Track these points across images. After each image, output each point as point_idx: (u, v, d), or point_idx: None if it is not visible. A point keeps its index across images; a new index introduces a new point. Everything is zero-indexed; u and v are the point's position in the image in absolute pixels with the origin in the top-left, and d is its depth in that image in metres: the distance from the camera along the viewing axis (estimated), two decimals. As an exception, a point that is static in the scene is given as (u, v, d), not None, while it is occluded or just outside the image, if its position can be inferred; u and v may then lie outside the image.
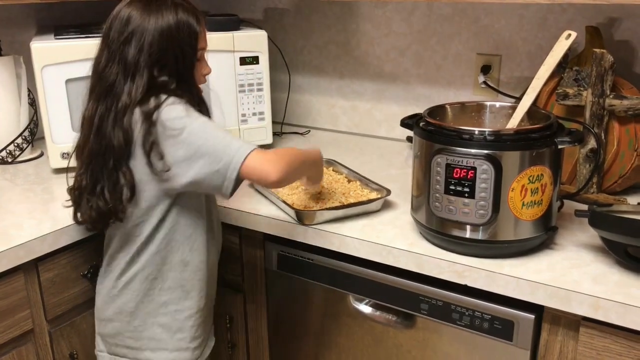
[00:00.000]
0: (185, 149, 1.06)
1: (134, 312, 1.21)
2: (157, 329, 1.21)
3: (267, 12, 2.03)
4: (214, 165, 1.06)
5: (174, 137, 1.07)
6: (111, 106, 1.11)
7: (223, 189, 1.08)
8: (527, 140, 1.07)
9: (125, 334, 1.23)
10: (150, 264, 1.18)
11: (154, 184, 1.12)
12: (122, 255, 1.19)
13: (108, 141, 1.10)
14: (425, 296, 1.19)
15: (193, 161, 1.06)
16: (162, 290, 1.20)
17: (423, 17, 1.75)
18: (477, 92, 1.72)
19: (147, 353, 1.23)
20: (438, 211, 1.13)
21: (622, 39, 1.49)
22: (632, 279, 1.05)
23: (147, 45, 1.10)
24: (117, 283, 1.21)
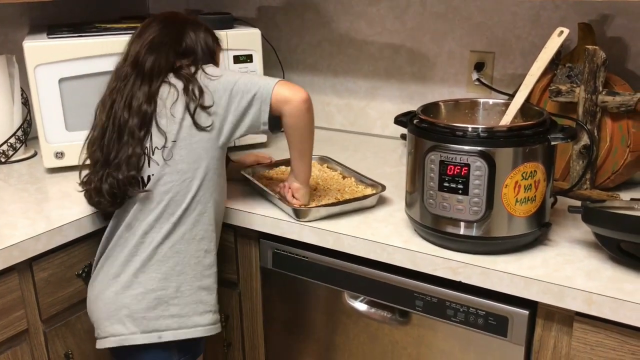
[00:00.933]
0: (224, 89, 1.20)
1: (181, 276, 1.21)
2: (203, 291, 1.24)
3: (261, 11, 2.03)
4: (249, 93, 1.19)
5: (214, 81, 1.21)
6: (131, 89, 1.21)
7: (262, 115, 1.20)
8: (520, 137, 1.07)
9: (171, 302, 1.21)
10: (198, 225, 1.22)
11: (197, 141, 1.20)
12: (164, 219, 1.20)
13: (124, 120, 1.20)
14: (420, 293, 1.20)
15: (233, 97, 1.20)
16: (208, 252, 1.24)
17: (416, 14, 1.76)
18: (470, 89, 1.72)
19: (195, 318, 1.23)
20: (432, 208, 1.13)
21: (615, 36, 1.50)
22: (625, 274, 1.06)
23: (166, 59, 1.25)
24: (160, 249, 1.20)
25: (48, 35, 1.58)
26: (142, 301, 1.21)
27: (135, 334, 1.21)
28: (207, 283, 1.25)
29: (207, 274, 1.25)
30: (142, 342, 1.21)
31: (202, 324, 1.24)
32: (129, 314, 1.21)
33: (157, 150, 1.21)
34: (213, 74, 1.23)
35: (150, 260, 1.21)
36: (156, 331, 1.21)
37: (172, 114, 1.20)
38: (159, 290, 1.21)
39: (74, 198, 1.43)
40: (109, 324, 1.23)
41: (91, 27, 1.67)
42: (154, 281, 1.21)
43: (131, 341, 1.21)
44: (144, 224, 1.21)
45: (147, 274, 1.21)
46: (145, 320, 1.21)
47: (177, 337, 1.22)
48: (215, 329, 1.27)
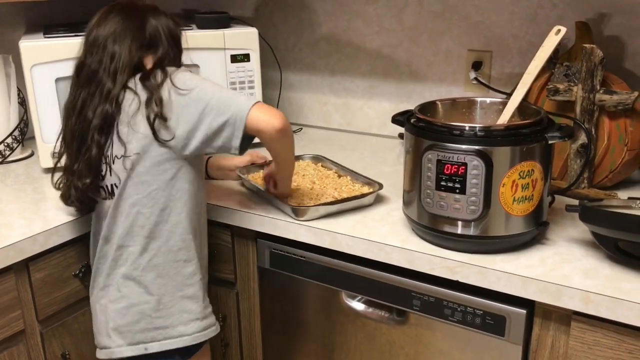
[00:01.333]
0: (195, 105, 1.14)
1: (162, 288, 1.20)
2: (186, 301, 1.22)
3: (258, 10, 2.02)
4: (223, 116, 1.13)
5: (184, 97, 1.14)
6: (95, 90, 1.17)
7: (233, 140, 1.14)
8: (517, 136, 1.07)
9: (154, 315, 1.20)
10: (173, 235, 1.20)
11: (161, 153, 1.16)
12: (136, 233, 1.19)
13: (88, 122, 1.17)
14: (418, 292, 1.19)
15: (204, 116, 1.13)
16: (188, 261, 1.22)
17: (414, 13, 1.76)
18: (468, 88, 1.72)
19: (180, 328, 1.22)
20: (429, 207, 1.13)
21: (612, 34, 1.50)
22: (622, 273, 1.05)
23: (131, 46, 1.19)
24: (137, 262, 1.19)
25: (44, 35, 1.58)
26: (126, 315, 1.21)
27: (122, 347, 1.22)
28: (190, 292, 1.23)
29: (189, 283, 1.23)
30: (129, 354, 1.22)
31: (188, 333, 1.23)
32: (115, 327, 1.22)
33: (116, 159, 1.18)
34: (183, 88, 1.15)
35: (130, 274, 1.21)
36: (142, 343, 1.21)
37: (132, 124, 1.16)
38: (142, 304, 1.21)
39: (71, 198, 1.42)
40: (100, 336, 1.25)
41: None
42: (136, 295, 1.21)
43: (118, 354, 1.22)
44: (116, 237, 1.20)
45: (128, 288, 1.21)
46: (130, 334, 1.21)
47: (163, 348, 1.21)
48: (205, 335, 1.25)
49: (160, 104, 1.14)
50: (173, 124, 1.15)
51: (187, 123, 1.14)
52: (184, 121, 1.14)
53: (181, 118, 1.14)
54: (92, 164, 1.19)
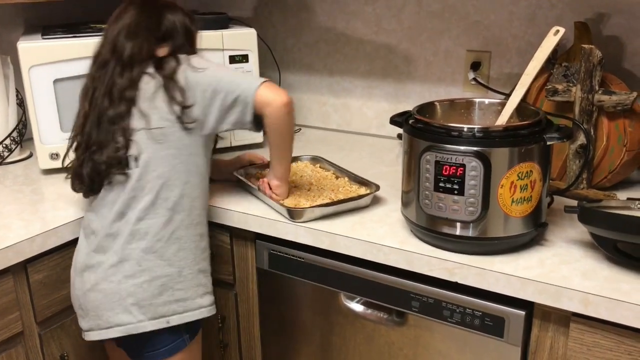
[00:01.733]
0: (208, 84, 1.21)
1: (183, 261, 1.23)
2: (201, 274, 1.27)
3: (257, 10, 2.02)
4: (233, 93, 1.21)
5: (199, 74, 1.21)
6: (110, 76, 1.22)
7: (246, 115, 1.22)
8: (515, 137, 1.07)
9: (176, 287, 1.22)
10: (194, 210, 1.24)
11: (181, 129, 1.21)
12: (159, 206, 1.20)
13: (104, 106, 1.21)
14: (416, 294, 1.19)
15: (216, 93, 1.21)
16: (203, 235, 1.28)
17: (412, 13, 1.75)
18: (467, 88, 1.72)
19: (197, 300, 1.26)
20: (428, 208, 1.13)
21: (611, 35, 1.49)
22: (621, 274, 1.05)
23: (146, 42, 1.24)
24: (159, 236, 1.21)
25: (42, 36, 1.57)
26: (147, 289, 1.21)
27: (144, 322, 1.21)
28: (204, 266, 1.28)
29: (203, 257, 1.28)
30: (151, 328, 1.21)
31: (205, 305, 1.27)
32: (136, 302, 1.20)
33: (136, 132, 1.20)
34: (198, 66, 1.23)
35: (152, 247, 1.21)
36: (164, 317, 1.22)
37: (152, 99, 1.21)
38: (164, 277, 1.22)
39: (70, 199, 1.42)
40: (113, 314, 1.21)
41: (86, 28, 1.67)
42: (158, 268, 1.21)
43: (140, 329, 1.21)
44: (137, 211, 1.20)
45: (150, 262, 1.21)
46: (152, 307, 1.21)
47: (184, 320, 1.24)
48: (214, 309, 1.31)
49: (182, 92, 1.20)
50: (192, 106, 1.21)
51: (201, 102, 1.21)
52: (199, 101, 1.21)
53: (197, 98, 1.21)
54: (111, 141, 1.21)
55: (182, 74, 1.22)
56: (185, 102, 1.20)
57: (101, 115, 1.21)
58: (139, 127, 1.20)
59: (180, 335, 1.26)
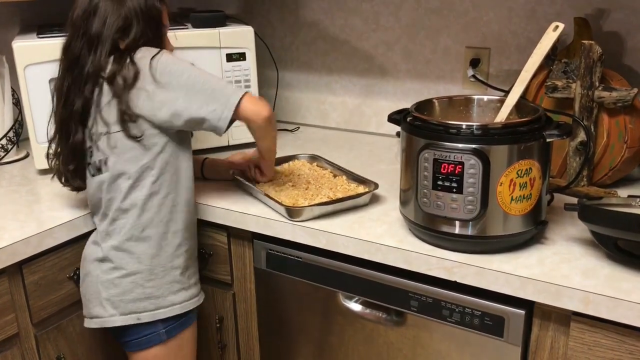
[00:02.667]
0: (181, 92, 1.17)
1: (154, 259, 1.24)
2: (175, 271, 1.27)
3: (254, 8, 2.01)
4: (210, 106, 1.17)
5: (165, 87, 1.17)
6: (78, 75, 1.20)
7: (218, 126, 1.19)
8: (515, 134, 1.05)
9: (146, 285, 1.24)
10: (163, 208, 1.23)
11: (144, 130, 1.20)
12: (130, 204, 1.22)
13: (71, 108, 1.21)
14: (415, 293, 1.18)
15: (190, 103, 1.17)
16: (176, 232, 1.26)
17: (411, 10, 1.74)
18: (466, 85, 1.70)
19: (170, 297, 1.26)
20: (426, 207, 1.11)
21: (611, 30, 1.48)
22: (622, 272, 1.04)
23: (111, 21, 1.19)
24: (129, 235, 1.22)
25: (38, 35, 1.56)
26: (118, 285, 1.23)
27: (114, 316, 1.24)
28: (178, 262, 1.27)
29: (177, 254, 1.27)
30: (121, 324, 1.24)
31: (178, 302, 1.27)
32: (108, 297, 1.24)
33: (102, 136, 1.21)
34: (162, 78, 1.17)
35: (122, 245, 1.23)
36: (134, 313, 1.24)
37: (112, 112, 1.19)
38: (134, 274, 1.23)
39: (66, 199, 1.41)
40: (92, 306, 1.26)
41: (82, 27, 1.65)
42: (129, 265, 1.23)
43: (110, 323, 1.25)
44: (111, 211, 1.23)
45: (121, 259, 1.23)
46: (122, 304, 1.24)
47: (156, 318, 1.25)
48: (192, 304, 1.30)
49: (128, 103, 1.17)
50: (150, 112, 1.18)
51: (171, 108, 1.18)
52: (168, 106, 1.17)
53: (165, 104, 1.17)
54: (76, 149, 1.23)
55: (144, 82, 1.17)
56: (133, 113, 1.18)
57: (68, 122, 1.23)
58: (103, 132, 1.21)
59: (156, 329, 1.26)
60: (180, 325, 1.29)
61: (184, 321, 1.30)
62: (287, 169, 1.50)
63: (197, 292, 1.33)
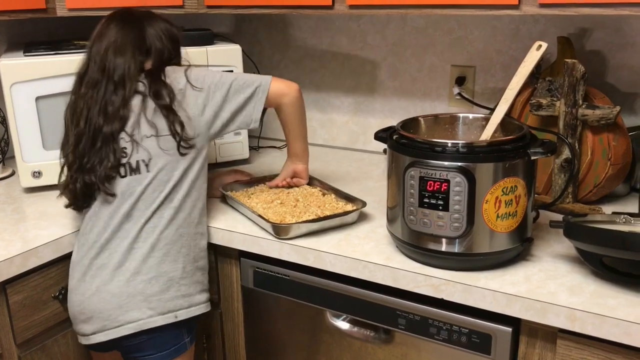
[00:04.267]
0: (220, 91, 1.30)
1: (186, 257, 1.27)
2: (199, 272, 1.30)
3: (242, 27, 2.02)
4: (246, 92, 1.31)
5: (202, 91, 1.28)
6: (102, 95, 1.25)
7: (254, 113, 1.32)
8: (500, 152, 1.06)
9: (181, 282, 1.26)
10: (195, 209, 1.28)
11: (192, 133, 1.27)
12: (165, 206, 1.24)
13: (98, 125, 1.23)
14: (403, 311, 1.18)
15: (229, 96, 1.30)
16: (203, 234, 1.31)
17: (397, 29, 1.76)
18: (452, 103, 1.72)
19: (197, 296, 1.29)
20: (413, 224, 1.12)
21: (593, 49, 1.50)
22: (607, 289, 1.05)
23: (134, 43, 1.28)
24: (164, 233, 1.24)
25: (25, 53, 1.56)
26: (155, 285, 1.23)
27: (153, 317, 1.23)
28: (202, 264, 1.32)
29: (202, 256, 1.31)
30: (162, 323, 1.24)
31: (203, 301, 1.31)
32: (145, 298, 1.23)
33: (146, 138, 1.24)
34: (199, 85, 1.28)
35: (156, 245, 1.24)
36: (171, 311, 1.25)
37: (156, 119, 1.25)
38: (170, 272, 1.25)
39: (52, 218, 1.40)
40: (121, 312, 1.22)
41: (69, 45, 1.65)
42: (164, 264, 1.24)
43: (151, 324, 1.23)
44: (147, 212, 1.24)
45: (156, 259, 1.24)
46: (161, 302, 1.24)
47: (190, 315, 1.27)
48: (209, 306, 1.34)
49: (181, 125, 1.25)
50: (197, 115, 1.27)
51: (212, 110, 1.29)
52: (209, 109, 1.29)
53: (207, 108, 1.28)
54: (105, 160, 1.23)
55: (179, 87, 1.26)
56: (186, 132, 1.25)
57: (95, 134, 1.23)
58: (148, 134, 1.24)
59: (181, 338, 1.28)
60: (194, 330, 1.32)
61: (196, 326, 1.33)
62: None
63: (208, 296, 1.34)
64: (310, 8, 1.46)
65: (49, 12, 1.59)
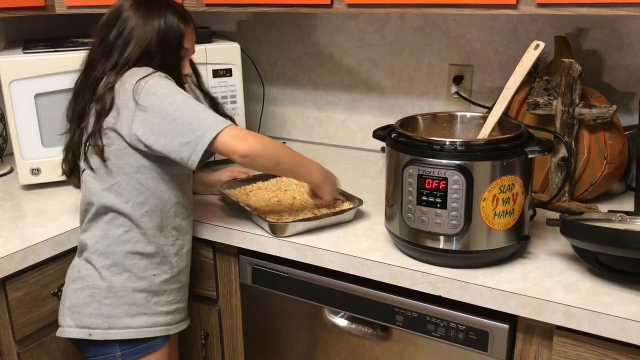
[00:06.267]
0: (161, 117, 1.13)
1: (116, 276, 1.21)
2: (137, 294, 1.22)
3: (241, 25, 2.02)
4: (187, 136, 1.12)
5: (146, 110, 1.13)
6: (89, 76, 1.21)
7: (190, 161, 1.13)
8: (497, 150, 1.07)
9: (103, 302, 1.20)
10: (133, 228, 1.20)
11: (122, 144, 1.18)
12: (100, 219, 1.21)
13: (81, 107, 1.22)
14: (400, 308, 1.19)
15: (167, 129, 1.12)
16: (145, 255, 1.22)
17: (395, 28, 1.76)
18: (450, 102, 1.73)
19: (126, 320, 1.21)
20: (411, 222, 1.12)
21: (590, 49, 1.51)
22: (603, 286, 1.06)
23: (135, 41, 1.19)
24: (95, 249, 1.21)
25: (24, 50, 1.56)
26: (79, 296, 1.22)
27: (71, 327, 1.22)
28: (142, 285, 1.22)
29: (142, 277, 1.22)
30: (76, 336, 1.22)
31: (134, 326, 1.21)
32: (69, 306, 1.23)
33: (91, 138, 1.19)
34: (143, 103, 1.13)
35: (89, 257, 1.22)
36: (88, 328, 1.21)
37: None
38: (93, 288, 1.21)
39: (50, 215, 1.40)
40: (60, 314, 1.26)
41: (68, 42, 1.66)
42: (91, 279, 1.22)
43: (67, 334, 1.23)
44: (84, 223, 1.24)
45: (86, 270, 1.22)
46: (79, 316, 1.22)
47: (107, 337, 1.21)
48: (152, 332, 1.23)
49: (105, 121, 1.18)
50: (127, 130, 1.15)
51: (146, 132, 1.14)
52: (144, 129, 1.14)
53: (142, 126, 1.14)
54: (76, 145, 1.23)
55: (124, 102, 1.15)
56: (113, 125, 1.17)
57: (82, 116, 1.23)
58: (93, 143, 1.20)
59: (111, 350, 1.22)
60: (139, 351, 1.23)
61: (145, 347, 1.23)
62: (274, 184, 1.51)
63: (166, 321, 1.26)
64: (309, 7, 1.46)
65: (47, 10, 1.60)
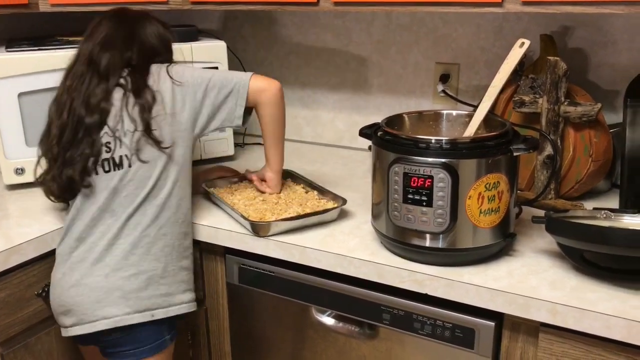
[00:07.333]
0: (198, 87, 1.28)
1: (168, 256, 1.26)
2: (183, 271, 1.30)
3: (227, 23, 2.01)
4: (226, 88, 1.30)
5: (183, 85, 1.27)
6: (86, 86, 1.25)
7: (237, 109, 1.31)
8: (482, 148, 1.07)
9: (160, 282, 1.25)
10: (180, 208, 1.28)
11: (174, 130, 1.26)
12: (149, 203, 1.24)
13: (80, 116, 1.23)
14: (387, 306, 1.19)
15: (207, 93, 1.29)
16: (187, 234, 1.31)
17: (382, 27, 1.76)
18: (436, 100, 1.73)
19: (179, 296, 1.28)
20: (397, 220, 1.12)
21: (576, 47, 1.52)
22: (588, 283, 1.06)
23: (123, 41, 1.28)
24: (147, 231, 1.24)
25: (7, 49, 1.54)
26: (134, 282, 1.23)
27: (130, 314, 1.23)
28: (186, 263, 1.30)
29: (186, 255, 1.30)
30: (138, 321, 1.23)
31: (186, 301, 1.29)
32: (123, 295, 1.22)
33: (129, 132, 1.23)
34: (179, 79, 1.28)
35: (139, 242, 1.23)
36: (149, 310, 1.24)
37: (135, 112, 1.24)
38: (150, 271, 1.24)
39: (34, 215, 1.39)
40: (99, 307, 1.22)
41: (52, 40, 1.64)
42: (145, 262, 1.24)
43: (127, 321, 1.23)
44: (129, 208, 1.23)
45: (137, 256, 1.23)
46: (138, 300, 1.23)
47: (168, 314, 1.26)
48: (194, 306, 1.32)
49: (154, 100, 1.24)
50: (178, 111, 1.26)
51: (192, 105, 1.28)
52: (189, 105, 1.27)
53: (186, 104, 1.27)
54: (87, 153, 1.23)
55: (162, 84, 1.26)
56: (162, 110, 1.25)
57: (78, 126, 1.23)
58: (131, 129, 1.23)
59: (162, 335, 1.27)
60: (175, 332, 1.31)
61: (176, 328, 1.32)
62: (260, 183, 1.50)
63: (195, 298, 1.34)
64: (295, 5, 1.46)
65: (31, 8, 1.58)
